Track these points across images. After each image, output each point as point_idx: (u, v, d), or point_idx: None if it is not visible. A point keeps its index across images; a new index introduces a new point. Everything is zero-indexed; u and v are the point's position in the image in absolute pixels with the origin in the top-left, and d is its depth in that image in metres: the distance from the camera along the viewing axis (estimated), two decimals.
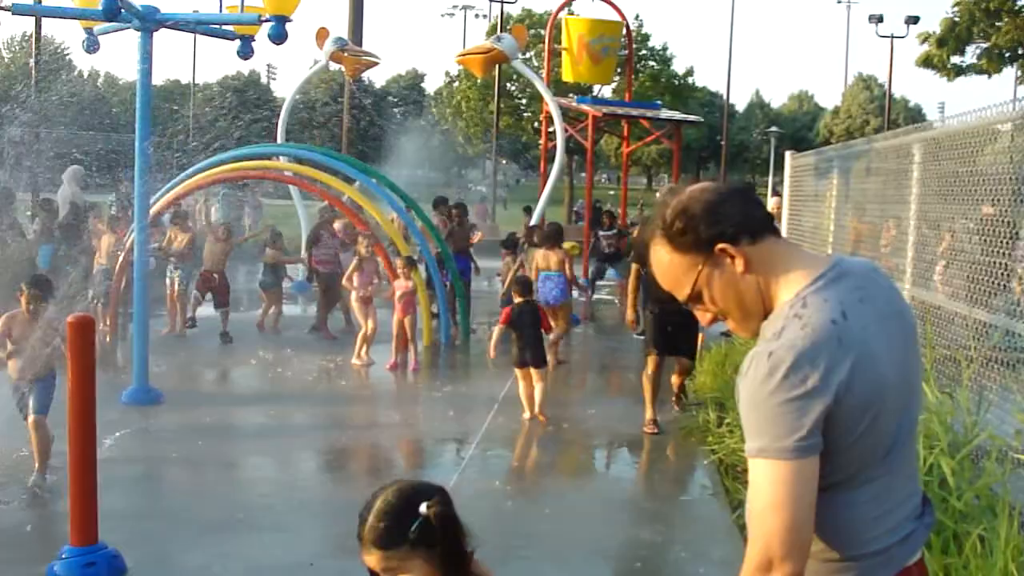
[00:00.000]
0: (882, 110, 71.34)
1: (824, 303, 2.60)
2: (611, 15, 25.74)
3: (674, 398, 11.89)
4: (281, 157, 19.19)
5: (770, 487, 2.50)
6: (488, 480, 9.25)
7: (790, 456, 2.48)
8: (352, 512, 3.22)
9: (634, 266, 11.75)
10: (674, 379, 11.85)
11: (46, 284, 8.80)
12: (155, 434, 10.56)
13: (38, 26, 29.44)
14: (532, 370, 11.35)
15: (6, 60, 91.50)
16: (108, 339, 14.93)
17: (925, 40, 38.15)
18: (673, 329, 10.96)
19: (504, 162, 68.72)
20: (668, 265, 2.78)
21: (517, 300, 11.59)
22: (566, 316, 15.31)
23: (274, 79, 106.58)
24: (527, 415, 11.36)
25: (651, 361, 11.14)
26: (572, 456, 10.63)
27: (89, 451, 6.39)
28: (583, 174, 51.30)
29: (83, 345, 6.31)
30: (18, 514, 7.93)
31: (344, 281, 14.72)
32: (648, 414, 11.00)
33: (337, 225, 16.99)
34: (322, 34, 22.19)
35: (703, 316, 2.85)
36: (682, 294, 2.79)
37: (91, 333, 6.40)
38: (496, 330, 11.71)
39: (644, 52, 57.38)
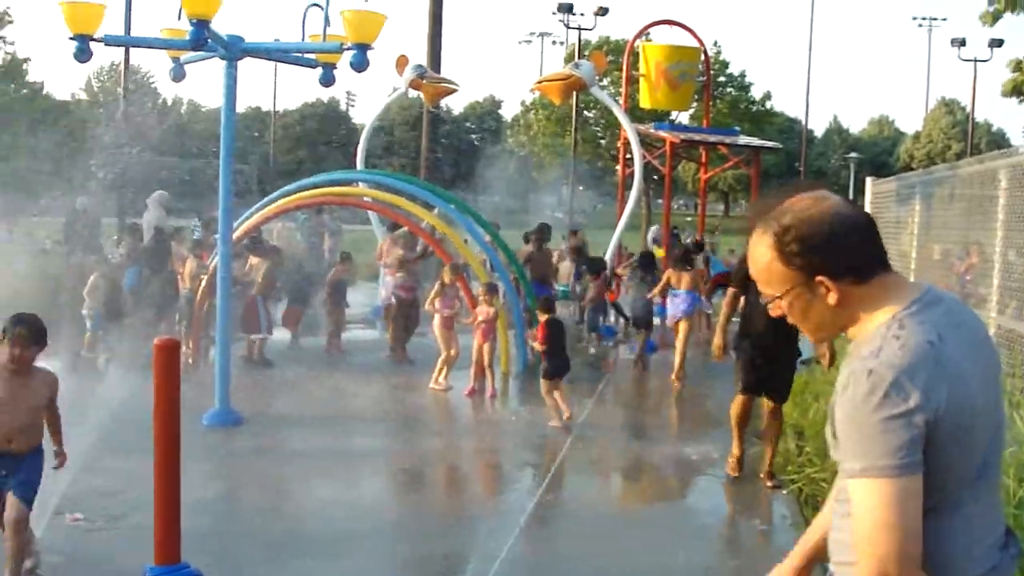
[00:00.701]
0: (965, 135, 70.51)
1: (920, 325, 2.62)
2: (689, 41, 25.75)
3: (765, 474, 10.08)
4: (361, 183, 19.36)
5: (877, 507, 2.50)
6: (566, 508, 9.25)
7: (896, 474, 2.48)
8: (428, 537, 3.24)
9: (731, 290, 10.50)
10: (765, 430, 10.33)
11: (35, 325, 6.60)
12: (236, 455, 10.69)
13: (127, 56, 30.04)
14: (554, 380, 12.39)
15: (95, 88, 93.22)
16: (191, 362, 15.12)
17: (1017, 68, 37.57)
18: (767, 367, 9.91)
19: (581, 188, 68.69)
20: (766, 265, 2.80)
21: (545, 316, 12.62)
22: (687, 331, 15.82)
23: (353, 106, 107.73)
24: (556, 423, 12.22)
25: (739, 401, 10.16)
26: (651, 484, 10.60)
27: (173, 471, 6.49)
28: (660, 200, 51.16)
29: (169, 368, 6.42)
30: (102, 532, 8.06)
31: (427, 305, 14.79)
32: (734, 452, 10.27)
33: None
34: (402, 62, 22.40)
35: (774, 310, 2.86)
36: (768, 291, 2.83)
37: (176, 356, 6.52)
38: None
39: (722, 78, 57.21)
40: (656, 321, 17.59)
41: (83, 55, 10.99)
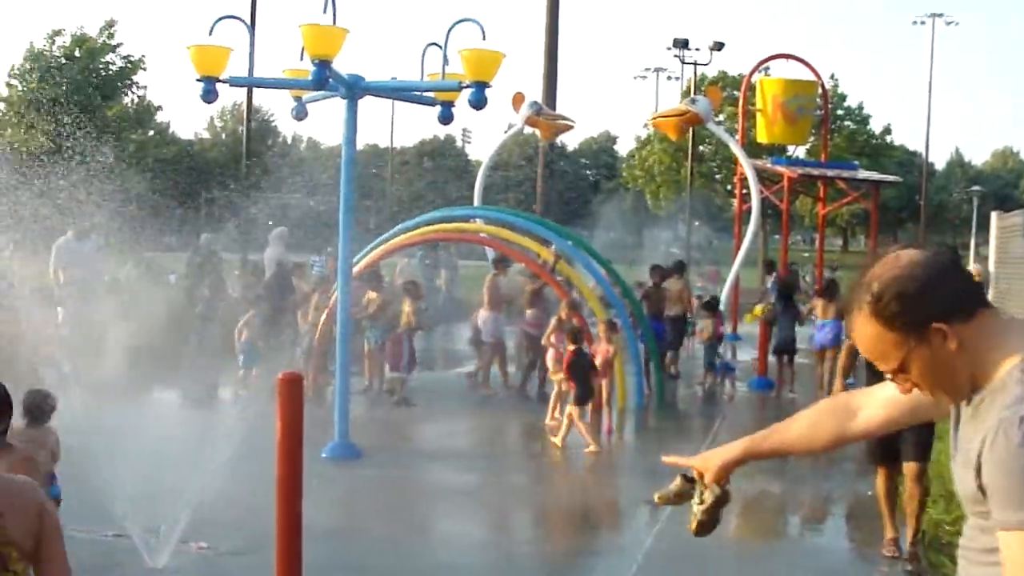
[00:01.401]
0: None
1: None
2: (806, 75, 25.53)
3: (908, 555, 8.83)
4: (477, 219, 19.51)
5: None
6: (684, 546, 9.15)
7: None
8: (545, 573, 3.27)
9: (849, 342, 8.97)
10: (907, 501, 8.98)
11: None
12: (354, 488, 10.82)
13: (250, 96, 30.71)
14: (582, 407, 12.90)
15: (218, 128, 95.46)
16: (310, 395, 15.31)
17: None
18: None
19: (697, 224, 68.37)
20: (875, 339, 2.73)
21: (571, 347, 13.19)
22: (832, 359, 15.76)
23: (469, 143, 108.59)
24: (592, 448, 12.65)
25: (880, 476, 9.03)
26: (773, 523, 10.47)
27: (295, 505, 6.59)
28: (777, 236, 50.68)
29: (292, 401, 6.54)
30: (226, 560, 8.23)
31: (543, 340, 14.82)
32: (887, 534, 9.05)
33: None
34: (518, 99, 22.55)
35: (903, 386, 2.80)
36: (887, 367, 2.75)
37: (300, 390, 6.63)
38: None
39: (840, 111, 56.58)
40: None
41: (209, 96, 11.29)
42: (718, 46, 55.27)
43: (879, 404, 3.26)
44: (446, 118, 12.20)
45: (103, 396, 9.89)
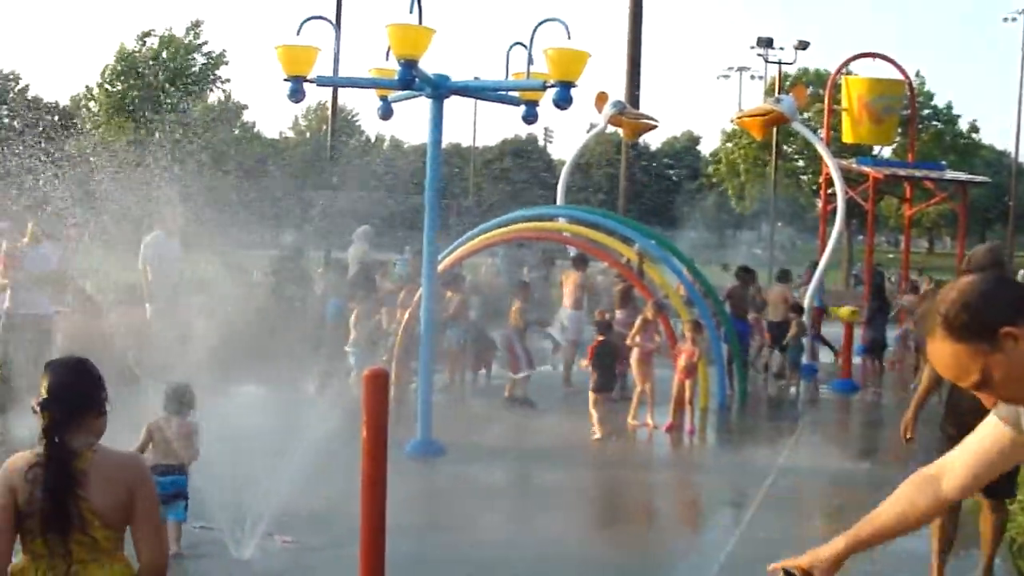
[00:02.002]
0: None
1: None
2: (893, 74, 25.16)
3: None
4: (560, 219, 19.49)
5: None
6: (766, 548, 9.09)
7: None
8: (626, 571, 3.28)
9: (929, 367, 7.93)
10: (983, 528, 8.11)
11: None
12: (436, 485, 10.89)
13: (335, 96, 30.99)
14: (604, 393, 13.70)
15: (302, 127, 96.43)
16: (393, 393, 15.38)
17: None
18: None
19: (780, 224, 67.79)
20: (952, 356, 2.85)
21: (599, 338, 14.03)
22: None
23: (551, 142, 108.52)
24: (598, 434, 13.27)
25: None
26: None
27: (379, 501, 6.64)
28: (862, 237, 50.09)
29: (377, 397, 6.59)
30: (310, 554, 8.32)
31: (628, 340, 14.78)
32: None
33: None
34: (601, 98, 22.49)
35: (987, 400, 2.96)
36: (969, 381, 2.87)
37: (385, 386, 6.68)
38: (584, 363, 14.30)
39: (927, 111, 55.76)
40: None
41: (296, 95, 11.41)
42: (803, 45, 54.78)
43: (961, 467, 3.39)
44: (530, 118, 12.19)
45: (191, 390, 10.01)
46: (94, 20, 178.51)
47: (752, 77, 70.74)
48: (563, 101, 10.81)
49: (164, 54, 51.92)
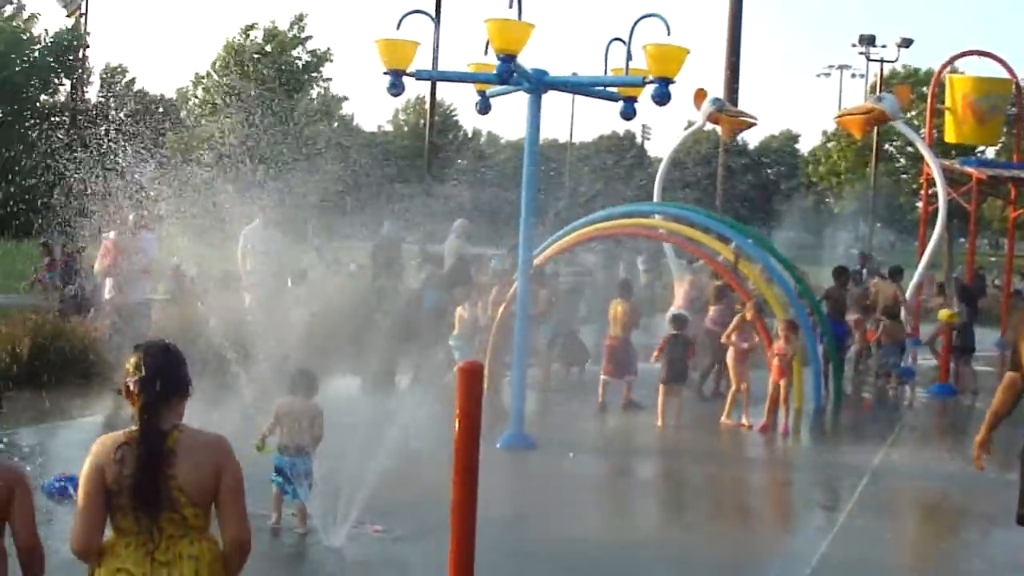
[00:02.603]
0: None
1: None
2: (999, 72, 24.68)
3: None
4: (657, 215, 19.40)
5: None
6: (859, 551, 8.99)
7: None
8: (715, 571, 3.26)
9: (1010, 375, 7.37)
10: None
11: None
12: (526, 478, 10.92)
13: (433, 90, 31.16)
14: (672, 385, 14.03)
15: (401, 121, 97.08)
16: (487, 385, 15.38)
17: None
18: None
19: (879, 225, 66.77)
20: None
21: (673, 332, 14.38)
22: None
23: (648, 139, 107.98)
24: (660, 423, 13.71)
25: None
26: (950, 530, 10.18)
27: (471, 493, 6.68)
28: (962, 239, 49.18)
29: (471, 390, 6.63)
30: (400, 544, 8.39)
31: (723, 338, 14.66)
32: None
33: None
34: (700, 95, 22.37)
35: None
36: None
37: (479, 380, 6.71)
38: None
39: None
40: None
41: (396, 89, 11.52)
42: (906, 42, 53.95)
43: None
44: (628, 114, 12.16)
45: (286, 382, 10.16)
46: (199, 14, 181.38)
47: (853, 76, 69.93)
48: (662, 97, 10.77)
49: (268, 48, 52.70)
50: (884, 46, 56.65)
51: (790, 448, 13.43)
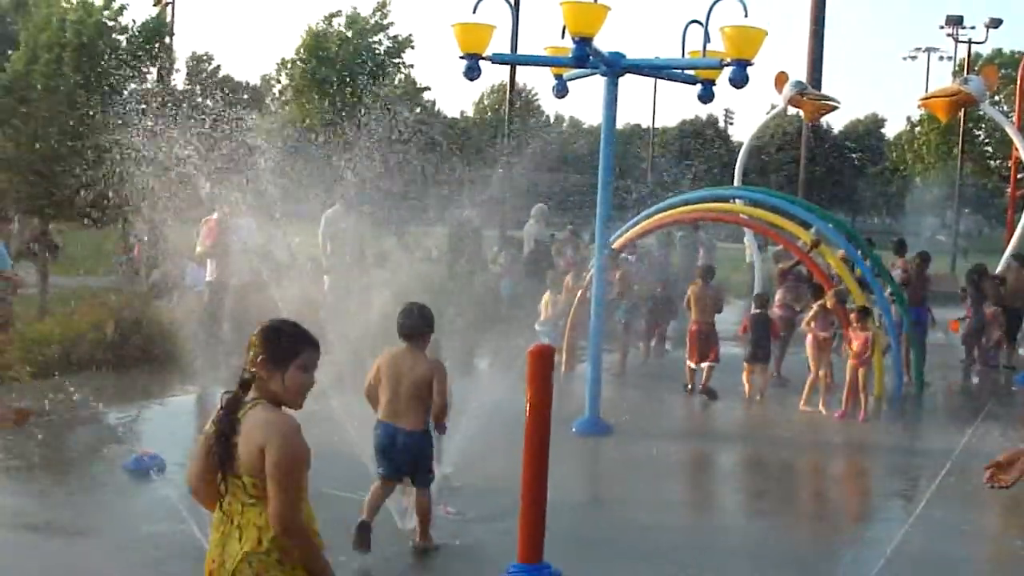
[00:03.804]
0: None
1: None
2: None
3: None
4: (737, 200, 19.27)
5: None
6: (937, 542, 8.86)
7: None
8: (792, 562, 3.23)
9: None
10: None
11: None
12: (601, 463, 10.92)
13: (512, 74, 31.18)
14: (756, 364, 14.50)
15: (484, 106, 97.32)
16: (564, 370, 15.40)
17: None
18: None
19: (967, 211, 65.74)
20: None
21: (755, 311, 14.97)
22: None
23: (731, 123, 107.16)
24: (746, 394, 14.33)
25: None
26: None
27: (541, 474, 6.72)
28: None
29: (542, 373, 6.65)
30: (473, 526, 8.44)
31: (803, 326, 14.53)
32: None
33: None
34: (781, 79, 22.16)
35: None
36: None
37: (550, 362, 6.73)
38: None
39: None
40: None
41: (472, 72, 11.53)
42: (995, 23, 52.87)
43: None
44: (706, 97, 12.05)
45: (366, 364, 10.25)
46: (284, 1, 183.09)
47: (941, 58, 68.71)
48: (739, 80, 10.66)
49: (350, 34, 53.07)
50: (973, 27, 55.67)
51: (868, 435, 13.24)
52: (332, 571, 4.43)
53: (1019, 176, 22.34)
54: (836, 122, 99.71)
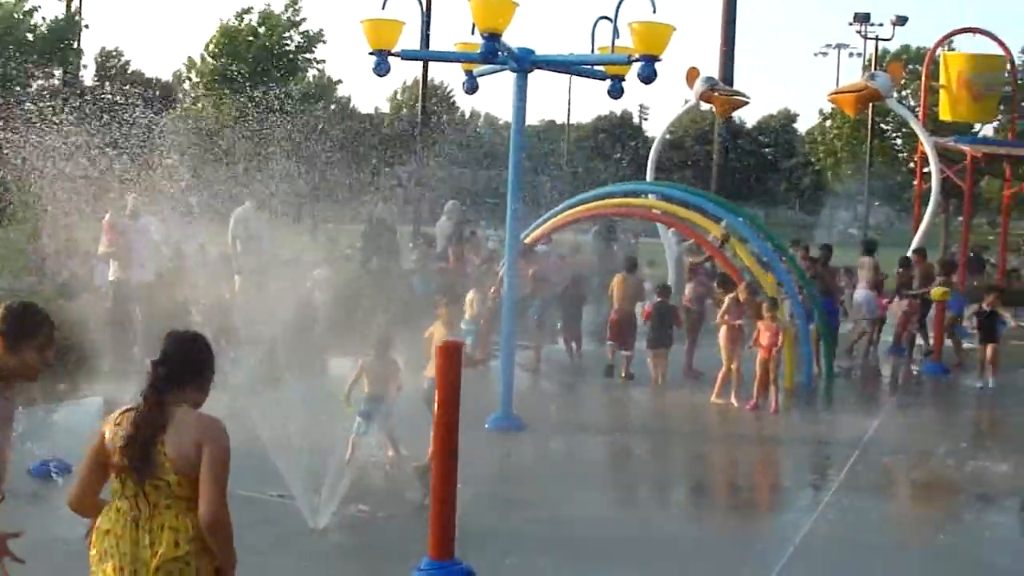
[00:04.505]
0: None
1: None
2: (995, 50, 24.62)
3: None
4: (650, 195, 19.39)
5: None
6: (845, 529, 8.97)
7: None
8: (704, 551, 3.24)
9: None
10: None
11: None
12: (514, 459, 10.91)
13: (425, 70, 31.17)
14: (661, 350, 15.32)
15: (399, 102, 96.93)
16: (477, 367, 15.36)
17: None
18: None
19: (877, 204, 66.69)
20: None
21: (657, 300, 15.70)
22: None
23: (646, 119, 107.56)
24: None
25: None
26: (936, 507, 10.17)
27: (451, 471, 6.68)
28: (960, 218, 49.17)
29: (450, 369, 6.62)
30: (383, 524, 8.41)
31: (718, 318, 14.66)
32: None
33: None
34: (693, 74, 22.34)
35: None
36: None
37: (458, 358, 6.70)
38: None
39: None
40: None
41: (382, 68, 11.47)
42: (901, 20, 53.85)
43: None
44: (616, 92, 12.12)
45: (275, 363, 10.18)
46: None
47: (851, 55, 69.73)
48: (647, 75, 10.72)
49: (262, 30, 52.56)
50: (881, 24, 56.61)
51: (779, 426, 13.38)
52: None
53: (924, 170, 22.68)
54: (749, 117, 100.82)
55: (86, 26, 41.71)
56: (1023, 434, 13.27)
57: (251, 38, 52.29)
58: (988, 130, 39.77)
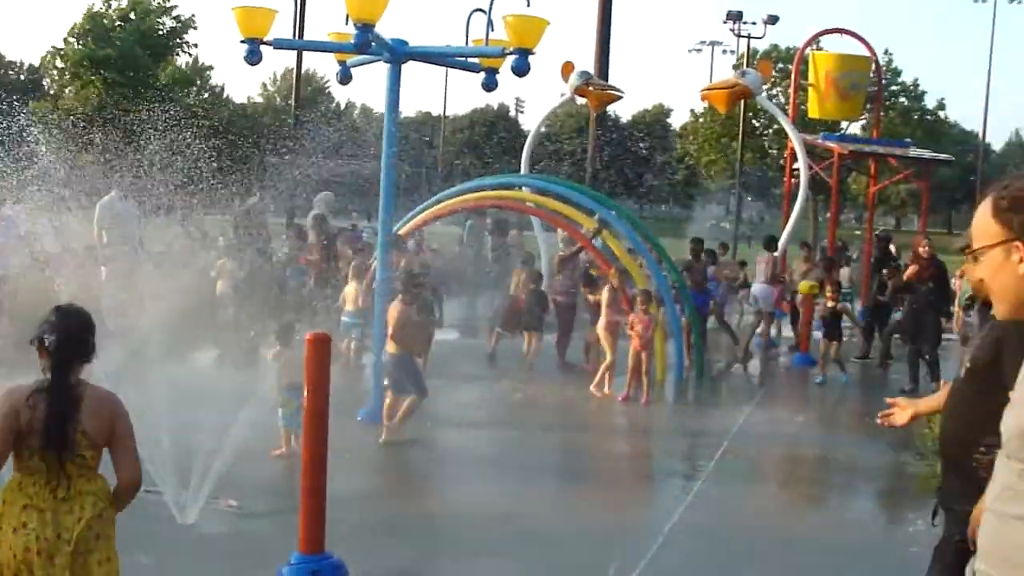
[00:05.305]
0: None
1: None
2: (860, 50, 25.18)
3: None
4: (524, 188, 19.43)
5: None
6: (713, 518, 9.11)
7: None
8: (574, 542, 3.25)
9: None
10: None
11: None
12: (386, 451, 10.86)
13: (299, 60, 30.87)
14: (534, 333, 16.34)
15: (271, 92, 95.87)
16: (351, 359, 15.29)
17: None
18: None
19: (749, 199, 67.93)
20: (983, 221, 3.02)
21: (530, 286, 16.65)
22: None
23: (522, 112, 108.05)
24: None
25: None
26: (802, 495, 10.39)
27: (321, 462, 6.61)
28: (829, 213, 50.33)
29: (319, 361, 6.55)
30: (253, 519, 8.31)
31: (604, 309, 14.77)
32: None
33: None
34: (567, 68, 22.41)
35: (970, 272, 3.26)
36: (974, 245, 3.04)
37: (327, 350, 6.63)
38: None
39: (895, 87, 55.90)
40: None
41: (253, 57, 11.33)
42: (772, 19, 54.79)
43: None
44: (490, 85, 12.11)
45: (141, 356, 9.95)
46: None
47: (724, 52, 70.97)
48: (521, 68, 10.73)
49: (132, 15, 51.55)
50: (753, 23, 57.55)
51: (650, 418, 13.54)
52: None
53: (794, 166, 23.11)
54: (624, 112, 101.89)
55: None
56: (874, 422, 13.58)
57: (120, 23, 51.25)
58: (855, 127, 40.71)
